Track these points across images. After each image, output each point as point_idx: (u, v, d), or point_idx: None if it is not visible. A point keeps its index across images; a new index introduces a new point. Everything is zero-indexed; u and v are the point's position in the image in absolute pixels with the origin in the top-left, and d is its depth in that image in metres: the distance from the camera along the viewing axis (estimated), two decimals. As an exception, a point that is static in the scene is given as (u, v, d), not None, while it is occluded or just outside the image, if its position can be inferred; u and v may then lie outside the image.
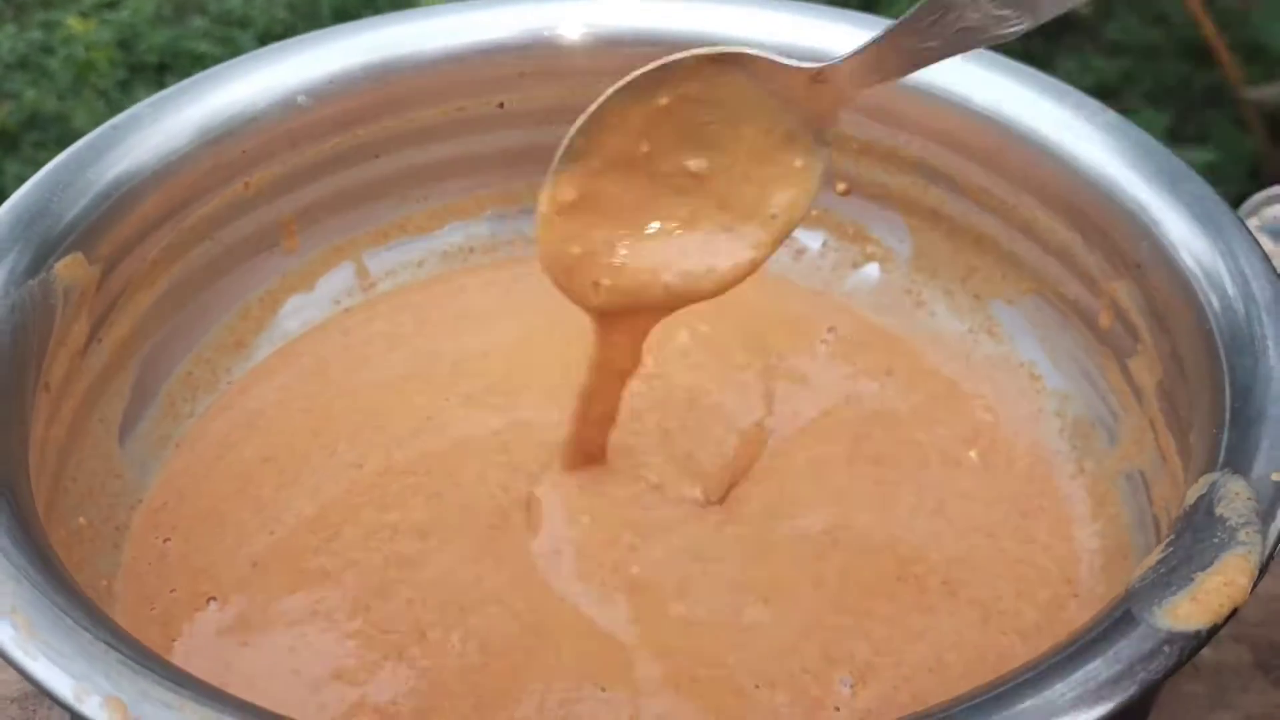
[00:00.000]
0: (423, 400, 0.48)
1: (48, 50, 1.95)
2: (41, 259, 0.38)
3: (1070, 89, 0.44)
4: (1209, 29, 1.25)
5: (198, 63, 1.93)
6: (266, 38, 2.00)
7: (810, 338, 0.51)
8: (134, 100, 1.86)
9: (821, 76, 0.35)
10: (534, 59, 0.50)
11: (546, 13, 0.50)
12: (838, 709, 0.38)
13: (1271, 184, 1.34)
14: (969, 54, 0.45)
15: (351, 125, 0.49)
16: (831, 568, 0.42)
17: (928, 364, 0.50)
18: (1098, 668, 0.27)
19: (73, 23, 1.94)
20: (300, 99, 0.47)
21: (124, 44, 1.97)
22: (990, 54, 0.46)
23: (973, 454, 0.47)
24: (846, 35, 0.47)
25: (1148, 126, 0.44)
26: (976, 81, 0.46)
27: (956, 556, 0.43)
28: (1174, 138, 1.53)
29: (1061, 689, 0.27)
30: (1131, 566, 0.41)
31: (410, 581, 0.41)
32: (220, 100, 0.45)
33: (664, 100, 0.37)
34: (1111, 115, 0.43)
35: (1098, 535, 0.43)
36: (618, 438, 0.44)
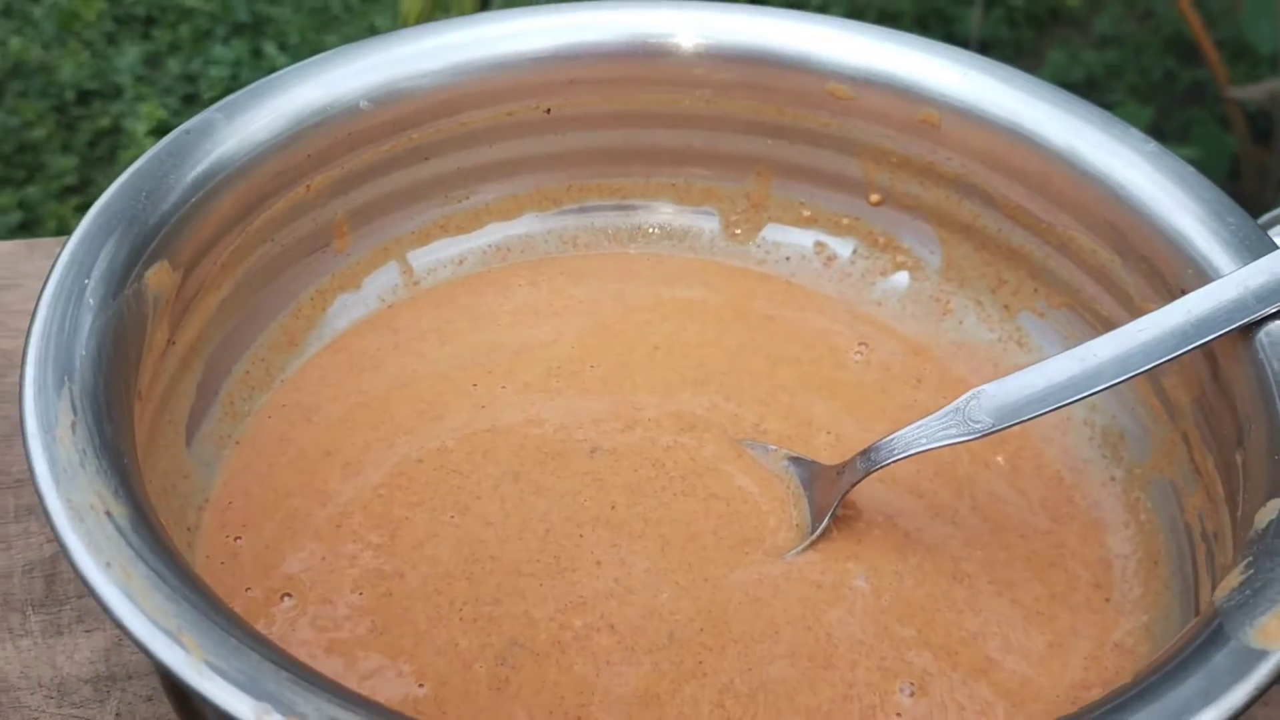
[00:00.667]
0: (480, 389, 0.49)
1: (33, -2, 1.90)
2: (132, 265, 0.39)
3: (1115, 118, 0.46)
4: (1196, 26, 1.28)
5: (185, 17, 1.90)
6: (254, -7, 1.97)
7: (843, 350, 0.53)
8: (121, 54, 1.80)
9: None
10: (584, 66, 0.51)
11: (599, 21, 0.51)
12: (899, 715, 0.40)
13: (1250, 182, 1.37)
14: (1016, 77, 0.48)
15: (407, 129, 0.49)
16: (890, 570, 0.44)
17: (956, 372, 0.52)
18: (1196, 684, 0.29)
19: (58, -30, 1.88)
20: (362, 103, 0.47)
21: (111, -6, 1.92)
22: (1036, 80, 0.48)
23: (1000, 458, 0.49)
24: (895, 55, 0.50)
25: (1132, 121, 0.47)
26: (1023, 106, 0.48)
27: (998, 558, 0.45)
28: (1157, 133, 1.57)
29: (1167, 702, 0.29)
30: (1165, 572, 0.44)
31: (484, 575, 0.42)
32: (289, 105, 0.45)
33: None
34: (1154, 145, 0.45)
35: (1129, 541, 0.45)
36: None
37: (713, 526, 0.45)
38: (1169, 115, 1.70)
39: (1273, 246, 0.41)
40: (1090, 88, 1.77)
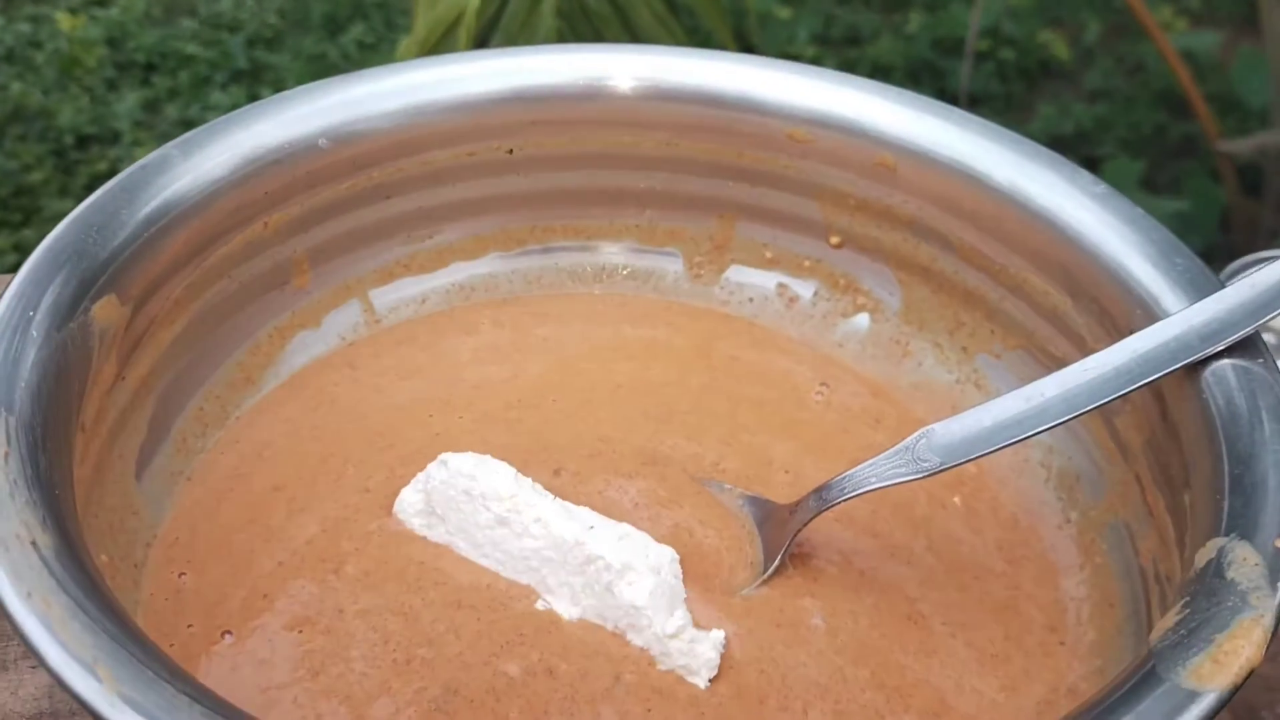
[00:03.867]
0: (435, 420, 0.49)
1: (35, 44, 1.93)
2: (79, 299, 0.39)
3: (1065, 160, 0.47)
4: (1185, 80, 1.29)
5: (186, 64, 1.92)
6: (256, 41, 2.00)
7: (804, 390, 0.53)
8: (121, 99, 1.83)
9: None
10: (546, 108, 0.52)
11: (562, 64, 0.51)
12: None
13: (1240, 235, 1.39)
14: (970, 122, 0.48)
15: (368, 167, 0.50)
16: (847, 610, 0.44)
17: (915, 413, 0.52)
18: (1127, 724, 0.29)
19: (61, 18, 1.91)
20: (321, 142, 0.47)
21: (112, 42, 1.95)
22: (989, 124, 0.48)
23: (956, 499, 0.49)
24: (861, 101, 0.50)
25: (1123, 174, 0.48)
26: (976, 150, 0.48)
27: (953, 599, 0.45)
28: (1148, 186, 1.58)
29: (1095, 743, 0.29)
30: (1119, 616, 0.43)
31: (422, 607, 0.42)
32: (247, 142, 0.45)
33: None
34: (1104, 187, 0.46)
35: (1084, 584, 0.45)
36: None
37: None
38: (1160, 168, 1.71)
39: (1218, 286, 0.41)
40: (1080, 141, 1.78)
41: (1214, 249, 1.51)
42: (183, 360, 0.46)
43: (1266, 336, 0.64)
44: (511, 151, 0.53)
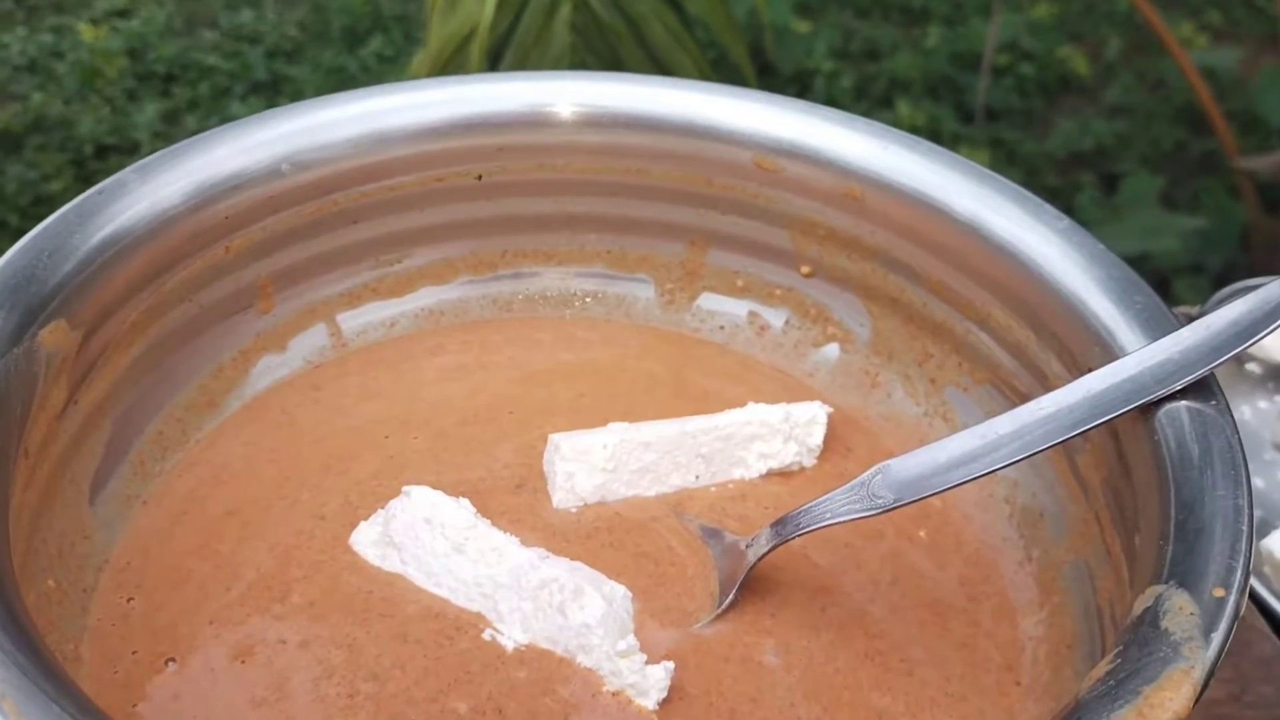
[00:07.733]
0: (391, 441, 0.49)
1: (57, 55, 1.95)
2: (25, 326, 0.39)
3: (1029, 194, 0.46)
4: (1205, 97, 1.28)
5: (206, 75, 1.94)
6: (276, 54, 2.02)
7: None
8: (141, 110, 1.84)
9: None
10: (513, 134, 0.51)
11: (529, 91, 0.51)
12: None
13: (1260, 252, 1.37)
14: (936, 154, 0.48)
15: (331, 192, 0.49)
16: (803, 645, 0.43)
17: (885, 444, 0.52)
18: (1047, 777, 0.29)
19: (83, 29, 1.93)
20: (284, 167, 0.47)
21: (133, 53, 1.97)
22: (955, 156, 0.48)
23: (922, 533, 0.48)
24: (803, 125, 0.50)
25: (1142, 190, 0.47)
26: (941, 181, 0.47)
27: (912, 635, 0.44)
28: (1167, 202, 1.57)
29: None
30: (1075, 657, 0.43)
31: (366, 640, 0.41)
32: (206, 167, 0.46)
33: None
34: (1067, 221, 0.45)
35: (1042, 624, 0.44)
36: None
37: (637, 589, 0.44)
38: (1180, 185, 1.70)
39: (1175, 326, 0.40)
40: (1100, 156, 1.77)
41: (1233, 267, 1.50)
42: (142, 383, 0.46)
43: (1251, 367, 0.64)
44: (480, 177, 0.52)
